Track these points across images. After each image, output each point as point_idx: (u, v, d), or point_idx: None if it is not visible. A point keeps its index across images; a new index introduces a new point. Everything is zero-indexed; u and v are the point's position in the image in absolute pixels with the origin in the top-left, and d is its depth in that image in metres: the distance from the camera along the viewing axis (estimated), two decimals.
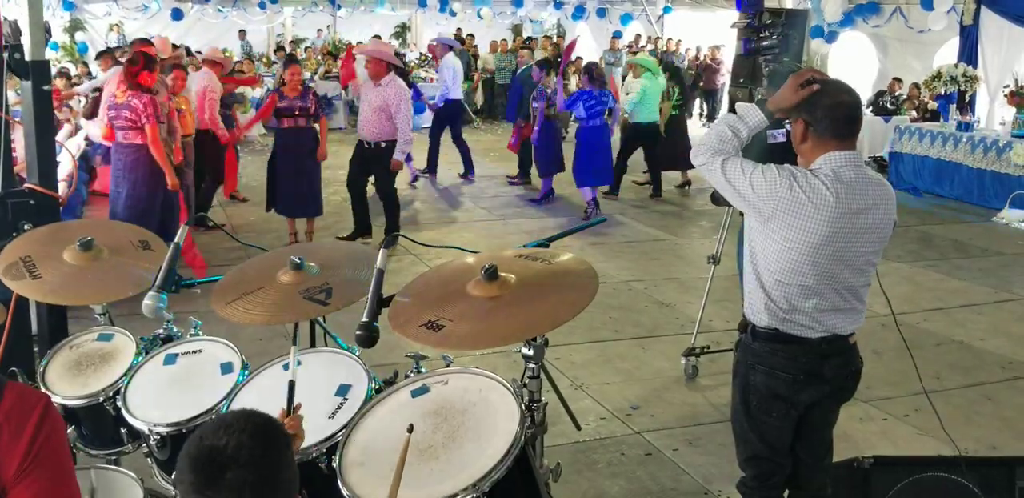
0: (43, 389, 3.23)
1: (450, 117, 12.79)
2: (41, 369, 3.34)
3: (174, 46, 10.38)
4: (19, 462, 1.90)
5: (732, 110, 7.85)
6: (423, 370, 3.00)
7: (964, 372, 6.01)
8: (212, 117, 9.44)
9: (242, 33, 21.96)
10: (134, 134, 7.30)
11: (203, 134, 9.33)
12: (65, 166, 7.53)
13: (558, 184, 11.46)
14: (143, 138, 7.25)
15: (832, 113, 3.02)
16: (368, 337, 2.80)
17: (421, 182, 12.54)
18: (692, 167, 12.13)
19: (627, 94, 11.31)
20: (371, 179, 9.11)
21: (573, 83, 14.20)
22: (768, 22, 7.12)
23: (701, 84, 19.78)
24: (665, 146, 11.48)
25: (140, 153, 7.31)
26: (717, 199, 5.11)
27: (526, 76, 12.28)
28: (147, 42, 8.92)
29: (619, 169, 11.40)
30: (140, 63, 7.18)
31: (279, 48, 21.70)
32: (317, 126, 8.86)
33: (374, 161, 8.83)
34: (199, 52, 15.81)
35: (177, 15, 20.73)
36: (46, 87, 4.10)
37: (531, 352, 2.88)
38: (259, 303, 3.13)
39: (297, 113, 8.61)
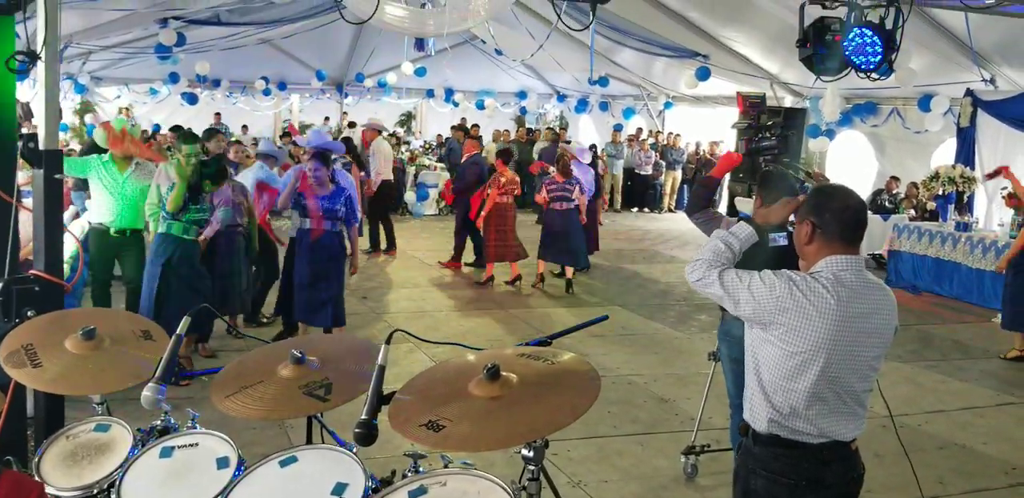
0: (37, 479, 3.19)
1: (381, 198, 13.67)
2: (36, 459, 3.30)
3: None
4: None
5: (732, 204, 7.96)
6: (421, 470, 2.97)
7: (967, 477, 5.93)
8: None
9: (217, 116, 22.17)
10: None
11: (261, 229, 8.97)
12: (68, 249, 7.58)
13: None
14: None
15: (840, 216, 3.06)
16: (367, 435, 2.79)
17: (417, 268, 12.59)
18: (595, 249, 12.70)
19: None
20: None
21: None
22: (769, 123, 7.27)
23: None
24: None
25: None
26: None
27: (481, 162, 12.90)
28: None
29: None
30: None
31: (285, 134, 22.04)
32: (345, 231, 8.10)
33: None
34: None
35: (192, 100, 21.14)
36: (58, 176, 4.16)
37: (531, 454, 2.86)
38: (258, 397, 3.13)
39: (322, 214, 7.83)
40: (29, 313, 3.93)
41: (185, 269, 7.27)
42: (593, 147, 16.82)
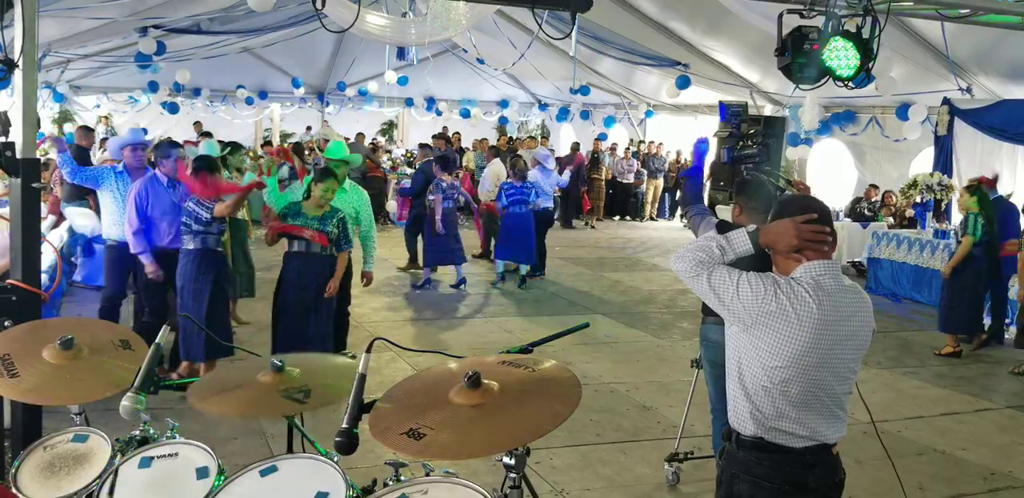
0: (14, 491, 3.17)
1: None
2: (13, 470, 3.28)
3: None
4: None
5: (712, 212, 7.98)
6: (402, 478, 2.97)
7: (947, 483, 5.96)
8: None
9: (197, 125, 21.85)
10: None
11: None
12: (47, 258, 7.50)
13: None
14: None
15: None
16: (348, 444, 2.78)
17: (398, 276, 12.57)
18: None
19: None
20: None
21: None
22: (751, 132, 7.32)
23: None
24: None
25: None
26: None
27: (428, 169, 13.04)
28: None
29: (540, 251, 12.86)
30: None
31: (266, 142, 21.98)
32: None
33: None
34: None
35: (174, 109, 21.04)
36: (35, 185, 4.13)
37: (512, 461, 2.85)
38: (235, 399, 3.12)
39: (309, 235, 6.94)
40: (6, 323, 3.90)
41: (225, 281, 7.11)
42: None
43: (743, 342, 3.09)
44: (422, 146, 15.83)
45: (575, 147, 19.97)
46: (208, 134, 17.14)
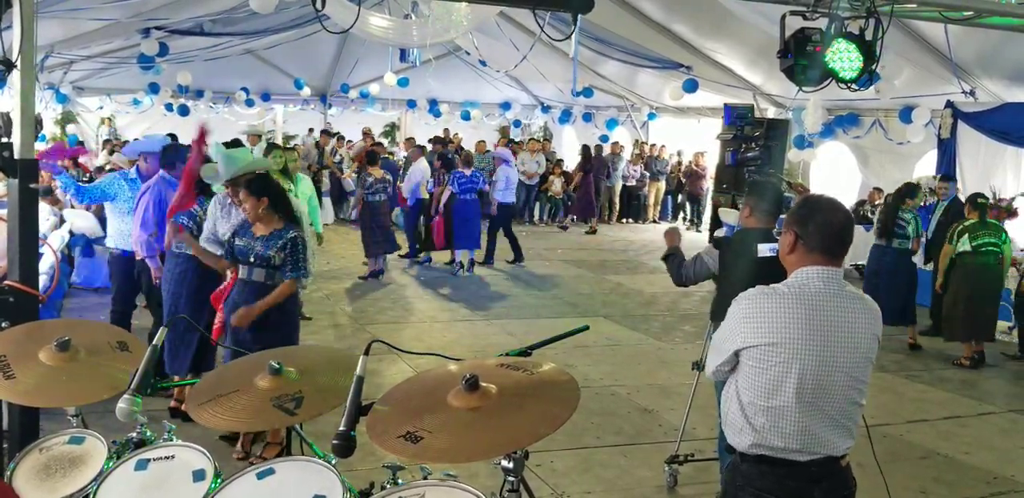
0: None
1: None
2: (9, 472, 3.26)
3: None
4: None
5: (715, 215, 7.99)
6: (400, 482, 2.94)
7: (949, 486, 5.93)
8: None
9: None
10: None
11: None
12: (46, 259, 7.47)
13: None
14: None
15: (823, 230, 3.07)
16: (346, 447, 2.77)
17: (401, 278, 12.55)
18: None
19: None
20: None
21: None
22: (755, 134, 7.30)
23: (686, 189, 20.10)
24: None
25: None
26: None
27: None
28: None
29: (492, 240, 13.99)
30: None
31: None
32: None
33: None
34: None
35: (184, 111, 20.97)
36: (33, 185, 4.12)
37: (511, 465, 2.83)
38: (230, 407, 3.12)
39: (253, 260, 5.51)
40: (3, 324, 3.89)
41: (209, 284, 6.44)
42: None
43: (741, 361, 3.09)
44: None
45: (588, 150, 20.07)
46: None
